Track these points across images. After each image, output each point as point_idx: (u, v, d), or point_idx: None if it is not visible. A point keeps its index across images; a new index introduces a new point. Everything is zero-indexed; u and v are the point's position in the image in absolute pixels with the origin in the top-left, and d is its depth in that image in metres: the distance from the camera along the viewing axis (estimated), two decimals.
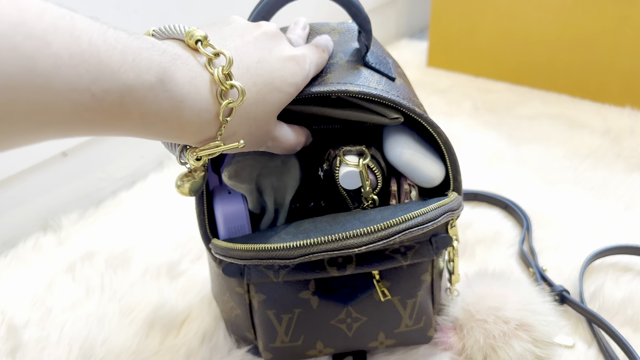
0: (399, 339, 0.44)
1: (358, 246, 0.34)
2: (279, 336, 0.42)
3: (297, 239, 0.35)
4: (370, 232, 0.35)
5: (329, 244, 0.34)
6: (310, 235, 0.36)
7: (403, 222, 0.35)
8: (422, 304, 0.43)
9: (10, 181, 0.63)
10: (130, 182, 0.77)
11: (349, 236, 0.34)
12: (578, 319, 0.50)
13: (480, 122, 0.87)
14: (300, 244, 0.35)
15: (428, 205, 0.38)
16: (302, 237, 0.36)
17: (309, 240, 0.35)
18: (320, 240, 0.34)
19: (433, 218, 0.37)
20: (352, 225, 0.37)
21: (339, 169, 0.41)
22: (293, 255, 0.35)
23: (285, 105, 0.37)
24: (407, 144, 0.42)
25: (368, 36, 0.42)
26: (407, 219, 0.35)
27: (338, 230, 0.36)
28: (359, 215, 0.39)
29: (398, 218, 0.35)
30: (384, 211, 0.39)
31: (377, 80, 0.41)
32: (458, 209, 0.39)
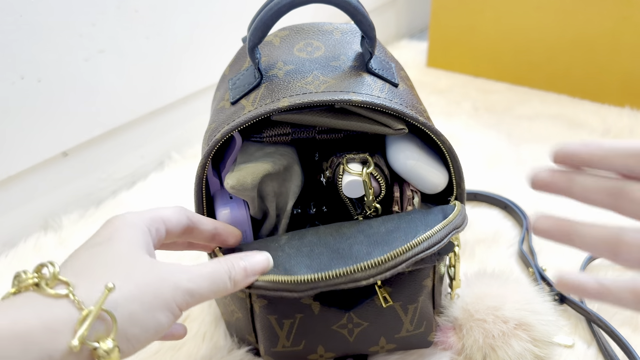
0: (400, 344, 0.44)
1: (366, 279, 0.35)
2: (280, 341, 0.42)
3: (304, 270, 0.35)
4: (377, 264, 0.35)
5: (337, 279, 0.34)
6: (314, 256, 0.36)
7: (409, 250, 0.35)
8: (423, 309, 0.43)
9: (11, 181, 0.64)
10: (131, 182, 0.77)
11: (357, 270, 0.34)
12: (577, 319, 0.50)
13: (479, 122, 0.87)
14: (308, 279, 0.35)
15: (432, 223, 0.38)
16: (307, 263, 0.36)
17: (317, 276, 0.35)
18: (328, 275, 0.35)
19: (438, 240, 0.37)
20: (357, 241, 0.37)
21: (342, 178, 0.41)
22: (301, 289, 0.35)
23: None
24: (411, 151, 0.42)
25: (372, 43, 0.41)
26: (413, 246, 0.35)
27: (343, 247, 0.37)
28: (363, 226, 0.39)
29: (404, 246, 0.35)
30: (387, 223, 0.39)
31: (380, 88, 0.40)
32: (462, 225, 0.39)
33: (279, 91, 0.40)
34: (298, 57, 0.44)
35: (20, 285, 0.28)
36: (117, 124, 0.72)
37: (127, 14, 0.68)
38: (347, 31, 0.47)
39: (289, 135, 0.43)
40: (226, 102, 0.43)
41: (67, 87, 0.65)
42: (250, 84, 0.42)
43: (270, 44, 0.47)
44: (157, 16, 0.72)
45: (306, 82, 0.40)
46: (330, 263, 0.37)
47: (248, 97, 0.41)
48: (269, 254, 0.37)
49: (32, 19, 0.59)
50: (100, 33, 0.66)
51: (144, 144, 0.78)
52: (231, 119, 0.40)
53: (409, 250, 0.35)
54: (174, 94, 0.79)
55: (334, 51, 0.44)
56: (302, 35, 0.47)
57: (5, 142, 0.61)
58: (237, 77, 0.45)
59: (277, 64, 0.43)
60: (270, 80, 0.42)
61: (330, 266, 0.36)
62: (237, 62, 0.48)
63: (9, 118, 0.60)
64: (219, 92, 0.48)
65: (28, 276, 0.28)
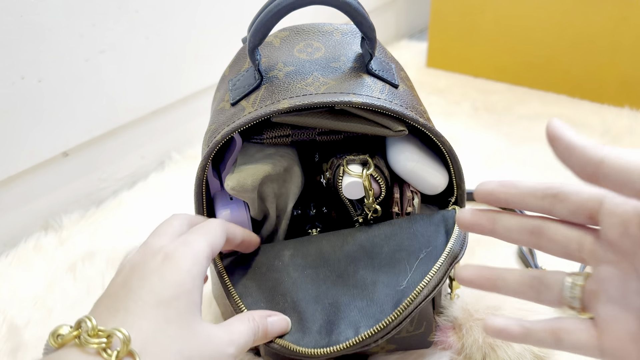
0: (400, 344, 0.44)
1: (375, 341, 0.36)
2: None
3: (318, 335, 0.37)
4: (384, 326, 0.36)
5: (349, 349, 0.36)
6: (320, 282, 0.39)
7: (411, 304, 0.36)
8: (423, 310, 0.43)
9: (11, 181, 0.64)
10: (131, 182, 0.77)
11: (367, 337, 0.36)
12: None
13: (479, 122, 0.87)
14: (321, 353, 0.36)
15: (434, 238, 0.39)
16: (314, 295, 0.38)
17: (330, 349, 0.36)
18: (340, 348, 0.36)
19: (437, 282, 0.38)
20: (361, 265, 0.39)
21: (342, 179, 0.41)
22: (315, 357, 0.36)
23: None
24: (411, 152, 0.42)
25: (372, 44, 0.41)
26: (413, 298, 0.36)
27: (348, 272, 0.39)
28: (365, 243, 0.40)
29: (406, 301, 0.36)
30: (390, 241, 0.40)
31: (380, 89, 0.40)
32: (461, 253, 0.40)
33: (279, 93, 0.40)
34: (298, 58, 0.44)
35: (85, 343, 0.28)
36: (118, 124, 0.73)
37: (128, 14, 0.68)
38: (347, 32, 0.47)
39: (289, 137, 0.43)
40: (226, 103, 0.43)
41: (67, 87, 0.65)
42: (250, 85, 0.42)
43: (270, 45, 0.47)
44: (157, 16, 0.72)
45: (306, 84, 0.40)
46: (337, 294, 0.38)
47: (248, 99, 0.41)
48: (289, 319, 0.38)
49: (33, 19, 0.59)
50: (100, 33, 0.66)
51: (145, 144, 0.78)
52: (231, 120, 0.40)
53: (410, 304, 0.36)
54: (174, 94, 0.79)
55: (334, 52, 0.44)
56: (302, 36, 0.47)
57: (5, 142, 0.61)
58: (237, 78, 0.45)
59: (277, 65, 0.43)
60: (270, 81, 0.42)
61: (337, 301, 0.38)
62: (237, 62, 0.48)
63: (9, 118, 0.60)
64: (219, 92, 0.48)
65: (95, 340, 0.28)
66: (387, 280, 0.38)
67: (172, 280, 0.31)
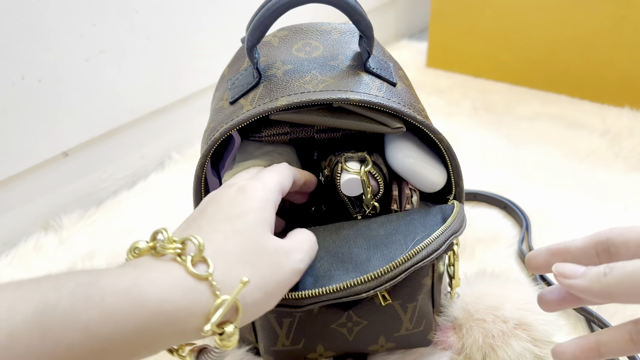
0: (399, 342, 0.44)
1: (366, 291, 0.35)
2: (279, 340, 0.42)
3: (305, 281, 0.36)
4: (378, 275, 0.35)
5: (338, 292, 0.35)
6: (315, 260, 0.37)
7: (408, 260, 0.36)
8: (423, 308, 0.43)
9: (11, 181, 0.64)
10: (131, 182, 0.77)
11: (357, 283, 0.35)
12: (577, 319, 0.50)
13: (479, 122, 0.87)
14: (309, 294, 0.35)
15: (430, 226, 0.38)
16: (308, 270, 0.37)
17: (318, 291, 0.35)
18: (329, 290, 0.35)
19: (437, 247, 0.37)
20: (357, 244, 0.38)
21: (340, 176, 0.41)
22: (302, 304, 0.35)
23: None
24: (409, 149, 0.42)
25: (370, 42, 0.41)
26: (413, 255, 0.36)
27: (343, 251, 0.37)
28: (362, 228, 0.40)
29: (404, 256, 0.36)
30: (386, 225, 0.39)
31: (378, 87, 0.41)
32: (460, 229, 0.39)
33: (277, 90, 0.40)
34: (296, 56, 0.44)
35: (161, 250, 0.30)
36: (118, 124, 0.73)
37: (128, 14, 0.68)
38: (345, 31, 0.47)
39: (288, 135, 0.43)
40: (225, 101, 0.44)
41: (67, 87, 0.65)
42: (249, 84, 0.42)
43: (269, 44, 0.47)
44: (157, 16, 0.72)
45: (304, 82, 0.40)
46: (330, 268, 0.37)
47: (247, 97, 0.42)
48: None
49: (33, 19, 0.59)
50: (100, 33, 0.66)
51: (145, 144, 0.78)
52: (230, 118, 0.40)
53: (409, 259, 0.36)
54: (174, 94, 0.79)
55: (332, 51, 0.44)
56: (300, 36, 0.47)
57: (5, 142, 0.61)
58: (236, 77, 0.45)
59: (275, 63, 0.44)
60: (268, 79, 0.42)
61: (330, 271, 0.37)
62: (236, 62, 0.48)
63: (9, 118, 0.60)
64: (218, 92, 0.48)
65: (170, 245, 0.30)
66: (382, 256, 0.37)
67: (242, 201, 0.34)
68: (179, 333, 0.28)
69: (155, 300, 0.27)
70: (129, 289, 0.26)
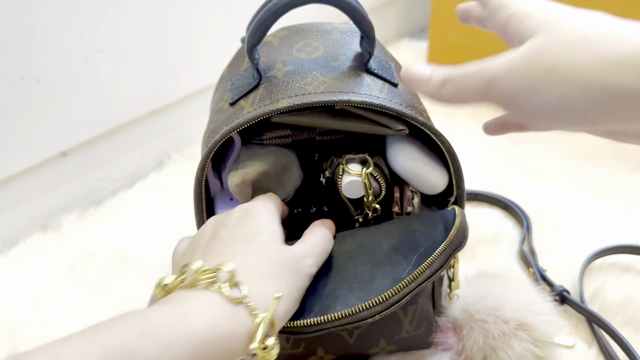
0: (400, 345, 0.44)
1: (372, 316, 0.35)
2: (280, 343, 0.42)
3: (312, 313, 0.36)
4: (383, 300, 0.35)
5: (344, 319, 0.35)
6: (319, 277, 0.38)
7: (413, 282, 0.36)
8: (423, 310, 0.43)
9: (11, 181, 0.63)
10: (130, 182, 0.77)
11: (363, 309, 0.35)
12: (578, 319, 0.50)
13: (480, 122, 0.86)
14: (315, 322, 0.35)
15: (434, 236, 0.38)
16: (312, 290, 0.37)
17: (324, 318, 0.35)
18: (334, 317, 0.35)
19: (440, 266, 0.36)
20: (360, 260, 0.38)
21: (342, 178, 0.41)
22: (309, 330, 0.35)
23: None
24: (411, 151, 0.42)
25: (371, 43, 0.41)
26: (416, 277, 0.35)
27: (347, 268, 0.38)
28: (366, 243, 0.40)
29: (407, 279, 0.35)
30: (389, 238, 0.39)
31: (379, 88, 0.40)
32: (463, 243, 0.39)
33: (278, 92, 0.40)
34: (297, 57, 0.44)
35: (194, 282, 0.31)
36: (117, 124, 0.72)
37: (127, 14, 0.68)
38: (346, 31, 0.47)
39: (289, 138, 0.42)
40: (225, 102, 0.43)
41: (66, 87, 0.65)
42: (249, 85, 0.42)
43: (269, 44, 0.46)
44: (157, 15, 0.72)
45: (305, 83, 0.40)
46: (334, 287, 0.37)
47: (247, 98, 0.41)
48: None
49: (32, 19, 0.59)
50: (100, 32, 0.66)
51: (144, 144, 0.78)
52: (230, 120, 0.40)
53: (413, 281, 0.35)
54: (174, 94, 0.79)
55: (333, 51, 0.44)
56: (301, 36, 0.47)
57: (4, 142, 0.61)
58: (236, 78, 0.45)
59: (276, 64, 0.43)
60: (269, 81, 0.41)
61: (334, 291, 0.37)
62: (236, 62, 0.48)
63: (9, 118, 0.60)
64: (218, 92, 0.48)
65: (204, 276, 0.31)
66: (386, 273, 0.37)
67: (251, 222, 0.36)
68: (227, 355, 0.30)
69: (203, 329, 0.29)
70: (178, 322, 0.28)
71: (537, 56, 0.30)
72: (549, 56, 0.30)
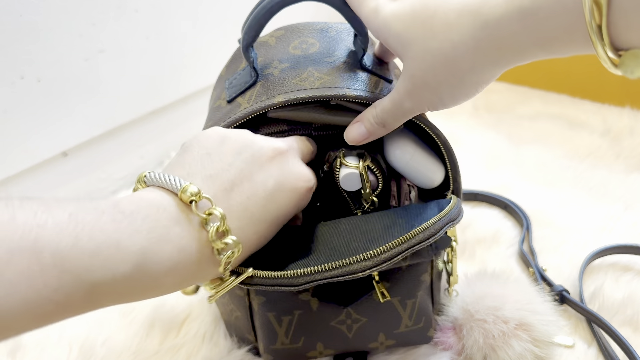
0: (399, 340, 0.44)
1: (362, 270, 0.34)
2: (279, 338, 0.42)
3: (299, 266, 0.35)
4: (373, 255, 0.34)
5: (333, 270, 0.34)
6: (314, 257, 0.36)
7: (405, 242, 0.35)
8: (422, 305, 0.43)
9: (11, 181, 0.63)
10: (130, 182, 0.77)
11: (353, 262, 0.34)
12: (578, 319, 0.50)
13: (480, 122, 0.87)
14: (304, 272, 0.34)
15: (428, 216, 0.37)
16: (305, 260, 0.36)
17: (313, 268, 0.34)
18: (324, 267, 0.34)
19: (434, 233, 0.36)
20: (354, 238, 0.37)
21: (339, 171, 0.41)
22: (298, 282, 0.34)
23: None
24: (407, 146, 0.42)
25: (365, 40, 0.42)
26: (409, 238, 0.35)
27: (340, 244, 0.36)
28: (360, 223, 0.39)
29: (400, 238, 0.35)
30: (383, 218, 0.39)
31: (374, 84, 0.41)
32: (458, 218, 0.39)
33: (274, 88, 0.40)
34: (293, 54, 0.44)
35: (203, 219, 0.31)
36: (117, 124, 0.72)
37: (127, 14, 0.68)
38: (341, 29, 0.48)
39: (286, 133, 0.43)
40: (222, 100, 0.44)
41: (67, 87, 0.65)
42: (246, 83, 0.43)
43: (266, 44, 0.47)
44: (157, 16, 0.72)
45: (301, 79, 0.40)
46: (327, 260, 0.36)
47: (244, 95, 0.42)
48: None
49: (32, 19, 0.59)
50: (100, 33, 0.66)
51: (144, 144, 0.78)
52: (227, 116, 0.40)
53: (405, 241, 0.35)
54: (174, 94, 0.79)
55: (329, 47, 0.45)
56: (297, 34, 0.47)
57: (4, 142, 0.61)
58: (234, 77, 0.45)
59: (272, 62, 0.44)
60: (265, 78, 0.42)
61: (327, 256, 0.36)
62: (234, 62, 0.49)
63: (9, 118, 0.60)
64: (216, 91, 0.48)
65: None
66: (379, 245, 0.37)
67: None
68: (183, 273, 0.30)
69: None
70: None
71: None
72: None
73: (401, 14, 0.34)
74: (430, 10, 0.33)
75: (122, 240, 0.27)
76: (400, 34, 0.34)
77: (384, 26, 0.35)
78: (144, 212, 0.29)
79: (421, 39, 0.33)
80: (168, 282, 0.30)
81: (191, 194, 0.30)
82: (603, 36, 0.27)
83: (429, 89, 0.34)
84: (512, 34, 0.30)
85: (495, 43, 0.31)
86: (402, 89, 0.36)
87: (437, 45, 0.32)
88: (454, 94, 0.34)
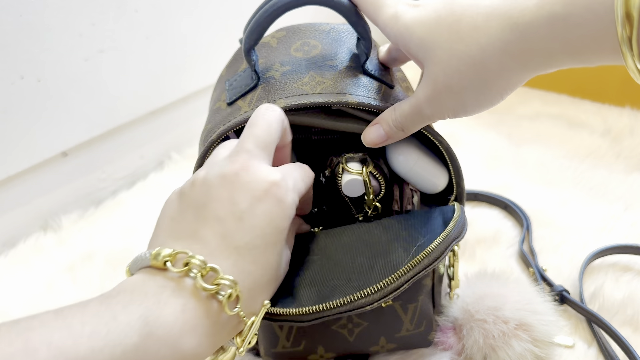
0: (400, 343, 0.44)
1: (370, 304, 0.35)
2: (280, 341, 0.42)
3: (308, 294, 0.36)
4: (381, 288, 0.35)
5: (342, 307, 0.35)
6: (317, 269, 0.37)
7: (410, 270, 0.35)
8: (423, 309, 0.43)
9: (11, 181, 0.63)
10: (130, 182, 0.77)
11: (361, 296, 0.35)
12: (578, 319, 0.50)
13: (480, 122, 0.87)
14: (314, 309, 0.35)
15: (432, 227, 0.38)
16: (310, 279, 0.37)
17: (323, 306, 0.35)
18: (333, 304, 0.35)
19: (438, 256, 0.36)
20: (359, 252, 0.38)
21: (342, 177, 0.41)
22: (307, 319, 0.35)
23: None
24: (410, 151, 0.42)
25: (367, 44, 0.41)
26: (414, 265, 0.35)
27: (345, 260, 0.37)
28: (363, 235, 0.40)
29: (405, 267, 0.35)
30: (388, 231, 0.39)
31: (376, 90, 0.40)
32: (461, 235, 0.39)
33: (275, 92, 0.40)
34: (295, 57, 0.44)
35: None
36: (117, 124, 0.72)
37: (127, 14, 0.68)
38: (344, 31, 0.47)
39: None
40: (222, 102, 0.43)
41: (66, 87, 0.65)
42: (247, 85, 0.42)
43: (267, 45, 0.46)
44: (157, 16, 0.72)
45: (302, 83, 0.40)
46: (332, 277, 0.37)
47: (245, 98, 0.41)
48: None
49: (32, 19, 0.59)
50: (100, 33, 0.66)
51: (144, 144, 0.78)
52: (227, 119, 0.40)
53: (411, 269, 0.35)
54: (174, 94, 0.79)
55: (331, 50, 0.44)
56: (299, 35, 0.47)
57: (4, 142, 0.61)
58: (234, 79, 0.45)
59: (274, 65, 0.43)
60: (267, 81, 0.42)
61: (332, 281, 0.37)
62: (234, 63, 0.48)
63: (9, 118, 0.60)
64: (216, 92, 0.48)
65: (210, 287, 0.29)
66: (384, 264, 0.37)
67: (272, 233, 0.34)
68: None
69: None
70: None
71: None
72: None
73: (425, 19, 0.34)
74: (456, 14, 0.33)
75: (118, 313, 0.27)
76: (423, 38, 0.34)
77: (406, 31, 0.35)
78: (128, 289, 0.29)
79: (446, 42, 0.33)
80: (192, 343, 0.28)
81: (164, 257, 0.29)
82: (633, 47, 0.27)
83: (451, 94, 0.34)
84: (540, 38, 0.29)
85: (523, 46, 0.30)
86: (422, 95, 0.35)
87: (464, 48, 0.32)
88: (479, 99, 0.34)
